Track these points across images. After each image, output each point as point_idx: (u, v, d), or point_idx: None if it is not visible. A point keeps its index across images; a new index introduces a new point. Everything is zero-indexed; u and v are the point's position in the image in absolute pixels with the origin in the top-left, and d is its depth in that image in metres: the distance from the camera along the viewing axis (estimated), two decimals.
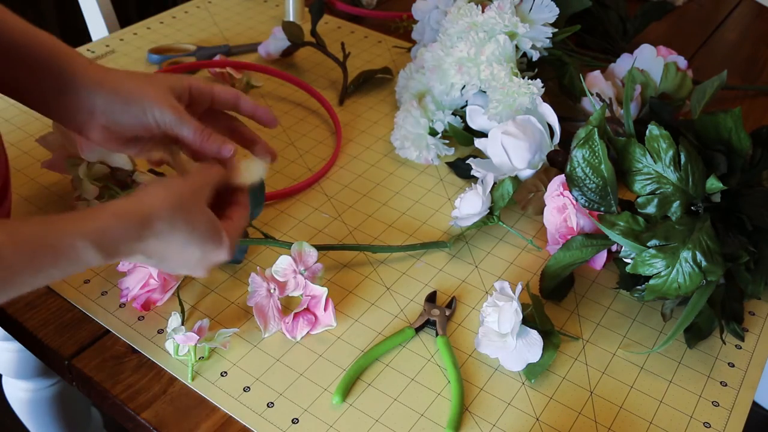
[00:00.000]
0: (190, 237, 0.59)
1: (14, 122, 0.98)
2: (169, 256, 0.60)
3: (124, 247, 0.56)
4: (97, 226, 0.54)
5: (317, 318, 0.71)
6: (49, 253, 0.52)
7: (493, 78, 0.88)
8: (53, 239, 0.52)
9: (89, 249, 0.53)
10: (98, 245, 0.54)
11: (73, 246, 0.53)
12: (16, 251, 0.50)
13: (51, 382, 1.13)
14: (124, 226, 0.55)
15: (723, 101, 1.12)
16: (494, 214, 0.82)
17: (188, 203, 0.59)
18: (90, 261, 0.54)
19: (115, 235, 0.55)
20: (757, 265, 0.73)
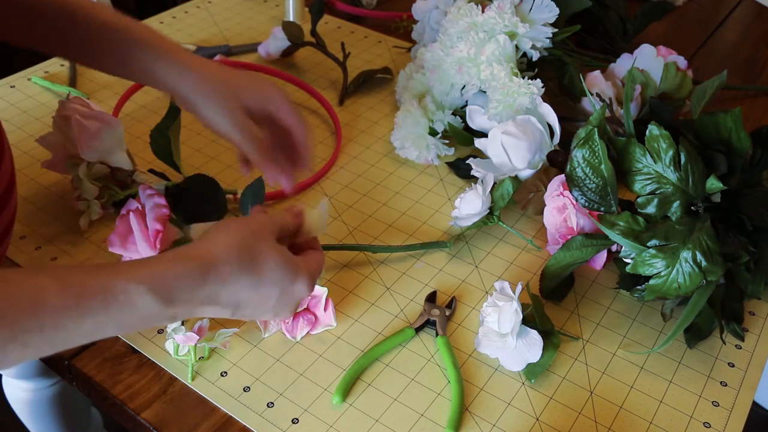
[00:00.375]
0: (261, 277, 0.55)
1: (14, 122, 0.98)
2: (243, 301, 0.56)
3: (186, 294, 0.52)
4: (152, 271, 0.51)
5: (317, 318, 0.72)
6: (98, 297, 0.48)
7: (493, 78, 0.88)
8: (102, 282, 0.49)
9: (144, 294, 0.50)
10: (154, 289, 0.50)
11: (125, 290, 0.49)
12: (62, 294, 0.47)
13: (51, 382, 1.13)
14: (183, 270, 0.52)
15: (723, 101, 1.12)
16: (494, 214, 0.82)
17: (252, 242, 0.56)
18: (147, 308, 0.50)
19: (173, 280, 0.51)
20: (757, 265, 0.73)
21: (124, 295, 0.49)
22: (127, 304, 0.49)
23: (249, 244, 0.56)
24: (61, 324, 0.47)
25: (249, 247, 0.55)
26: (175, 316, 0.53)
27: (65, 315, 0.47)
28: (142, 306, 0.50)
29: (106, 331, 0.49)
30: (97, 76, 1.08)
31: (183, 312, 0.53)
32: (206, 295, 0.53)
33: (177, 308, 0.52)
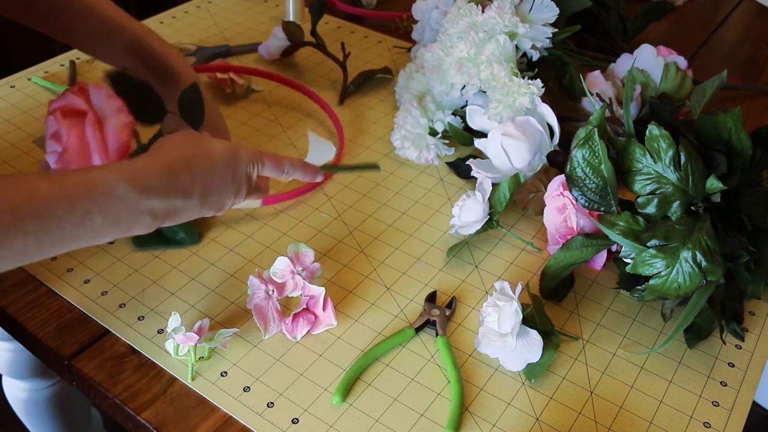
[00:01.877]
0: (213, 160, 0.65)
1: (14, 122, 0.98)
2: (206, 187, 0.64)
3: (156, 183, 0.60)
4: (124, 164, 0.60)
5: (317, 318, 0.72)
6: (81, 186, 0.56)
7: (493, 78, 0.88)
8: (83, 176, 0.57)
9: (119, 182, 0.57)
10: (128, 179, 0.58)
11: (103, 179, 0.57)
12: (50, 185, 0.54)
13: (51, 382, 1.13)
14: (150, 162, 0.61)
15: (723, 101, 1.11)
16: (493, 219, 0.82)
17: (199, 139, 0.66)
18: (126, 196, 0.58)
19: (142, 170, 0.60)
20: (757, 265, 0.73)
21: (102, 185, 0.57)
22: (107, 192, 0.57)
23: (194, 138, 0.66)
24: (54, 211, 0.54)
25: (195, 139, 0.66)
26: (153, 210, 0.60)
27: (55, 202, 0.54)
28: (120, 193, 0.58)
29: (95, 222, 0.57)
30: (96, 76, 1.08)
31: (159, 206, 0.61)
32: (176, 182, 0.62)
33: (152, 198, 0.60)
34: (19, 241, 0.52)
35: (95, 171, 0.58)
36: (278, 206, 0.87)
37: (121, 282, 0.76)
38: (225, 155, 0.66)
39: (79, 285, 0.76)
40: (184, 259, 0.79)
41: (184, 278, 0.77)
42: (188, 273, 0.78)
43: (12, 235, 0.52)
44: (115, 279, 0.77)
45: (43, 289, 0.76)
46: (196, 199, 0.64)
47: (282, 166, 0.71)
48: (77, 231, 0.56)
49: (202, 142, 0.66)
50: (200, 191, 0.64)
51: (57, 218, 0.54)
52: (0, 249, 0.52)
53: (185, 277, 0.77)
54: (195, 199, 0.64)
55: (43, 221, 0.53)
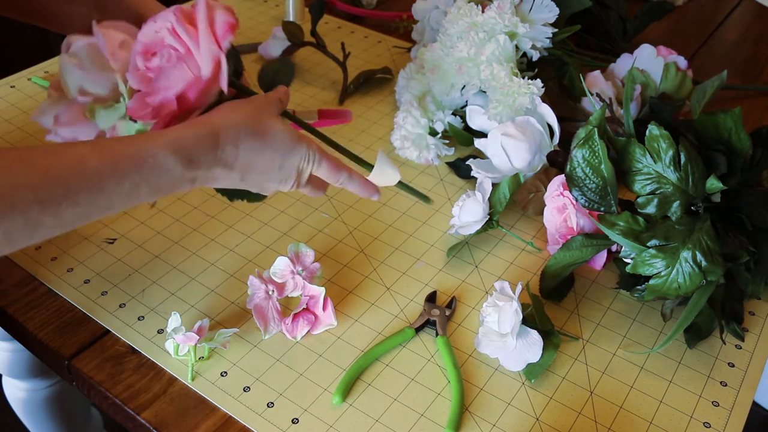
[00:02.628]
0: (265, 141, 0.63)
1: (14, 122, 0.98)
2: (251, 164, 0.63)
3: (203, 155, 0.59)
4: (173, 135, 0.59)
5: (317, 317, 0.72)
6: (132, 161, 0.56)
7: (493, 78, 0.88)
8: (134, 148, 0.57)
9: (168, 156, 0.57)
10: (176, 152, 0.58)
11: (154, 154, 0.57)
12: (101, 159, 0.55)
13: (51, 382, 1.13)
14: (199, 133, 0.60)
15: (723, 101, 1.11)
16: (493, 219, 0.82)
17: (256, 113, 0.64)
18: (173, 169, 0.58)
19: (192, 142, 0.59)
20: (757, 265, 0.73)
21: (153, 159, 0.57)
22: (155, 166, 0.57)
23: (253, 115, 0.63)
24: (104, 185, 0.55)
25: (254, 116, 0.63)
26: (195, 178, 0.60)
27: (106, 177, 0.55)
28: (168, 167, 0.58)
29: (140, 192, 0.57)
30: None
31: (202, 175, 0.61)
32: (220, 156, 0.61)
33: (196, 170, 0.60)
34: (69, 212, 0.53)
35: (146, 142, 0.58)
36: (278, 206, 0.87)
37: (121, 282, 0.76)
38: (281, 141, 0.64)
39: (79, 285, 0.76)
40: (184, 259, 0.79)
41: (184, 278, 0.77)
42: (188, 273, 0.78)
43: (63, 207, 0.53)
44: (115, 279, 0.77)
45: (43, 289, 0.76)
46: (237, 172, 0.63)
47: (339, 175, 0.69)
48: (122, 199, 0.57)
49: (264, 120, 0.64)
50: (242, 167, 0.63)
51: (106, 191, 0.55)
52: (53, 218, 0.53)
53: (185, 277, 0.77)
54: (236, 173, 0.63)
55: (93, 194, 0.54)
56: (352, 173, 0.70)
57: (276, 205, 0.87)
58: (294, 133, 0.65)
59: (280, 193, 0.88)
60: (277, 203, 0.87)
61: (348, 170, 0.70)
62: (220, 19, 0.63)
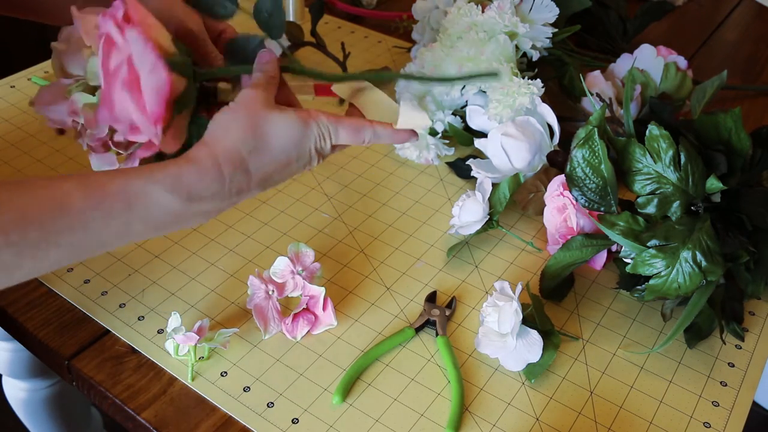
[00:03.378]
0: (272, 148, 0.58)
1: (14, 122, 0.98)
2: (266, 176, 0.59)
3: (205, 192, 0.55)
4: (168, 171, 0.54)
5: (317, 317, 0.72)
6: (119, 198, 0.52)
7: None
8: (122, 185, 0.52)
9: (163, 193, 0.53)
10: (172, 189, 0.53)
11: (144, 191, 0.52)
12: (85, 197, 0.50)
13: (51, 382, 1.13)
14: (196, 169, 0.55)
15: (723, 101, 1.11)
16: (494, 219, 0.82)
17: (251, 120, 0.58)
18: (170, 206, 0.53)
19: (188, 178, 0.54)
20: (757, 265, 0.73)
21: (144, 197, 0.52)
22: (149, 205, 0.53)
23: (250, 124, 0.58)
24: (89, 225, 0.50)
25: (251, 126, 0.58)
26: (208, 211, 0.56)
27: (91, 216, 0.50)
28: (164, 204, 0.53)
29: (136, 229, 0.53)
30: None
31: (214, 207, 0.56)
32: (228, 187, 0.56)
33: (204, 204, 0.55)
34: (51, 254, 0.50)
35: (135, 179, 0.53)
36: (278, 206, 0.87)
37: (121, 282, 0.76)
38: (287, 135, 0.58)
39: (79, 285, 0.76)
40: (184, 259, 0.79)
41: (184, 278, 0.77)
42: (188, 273, 0.78)
43: (43, 248, 0.49)
44: (115, 279, 0.77)
45: (43, 289, 0.76)
46: (255, 190, 0.59)
47: (362, 135, 0.63)
48: (117, 238, 0.53)
49: (261, 124, 0.58)
50: (259, 182, 0.58)
51: (93, 231, 0.51)
52: (31, 261, 0.49)
53: (185, 277, 0.77)
54: (254, 191, 0.59)
55: (77, 234, 0.50)
56: (376, 127, 0.64)
57: (276, 205, 0.87)
58: (298, 118, 0.59)
59: (280, 193, 0.88)
60: (277, 203, 0.87)
61: (370, 126, 0.64)
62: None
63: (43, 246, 0.49)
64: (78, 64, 0.67)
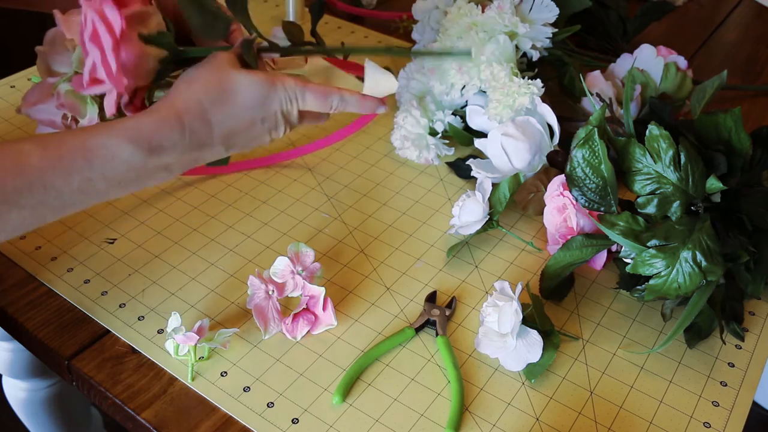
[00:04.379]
0: (235, 100, 0.58)
1: (14, 122, 0.98)
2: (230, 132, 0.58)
3: (166, 140, 0.55)
4: (127, 124, 0.54)
5: (317, 317, 0.72)
6: (79, 155, 0.51)
7: (493, 78, 0.88)
8: (81, 141, 0.52)
9: (122, 145, 0.52)
10: (132, 140, 0.53)
11: (104, 144, 0.52)
12: (43, 155, 0.50)
13: (51, 382, 1.13)
14: (156, 118, 0.54)
15: (723, 101, 1.11)
16: (494, 219, 0.82)
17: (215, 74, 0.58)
18: (131, 158, 0.53)
19: (149, 128, 0.54)
20: (757, 265, 0.73)
21: (103, 150, 0.52)
22: (108, 158, 0.52)
23: (213, 80, 0.58)
24: (49, 182, 0.49)
25: (214, 81, 0.58)
26: (169, 166, 0.55)
27: (50, 174, 0.49)
28: (125, 157, 0.52)
29: (99, 187, 0.52)
30: None
31: (175, 160, 0.55)
32: (189, 137, 0.55)
33: (165, 156, 0.54)
34: (13, 216, 0.49)
35: (94, 134, 0.52)
36: (278, 206, 0.87)
37: (121, 282, 0.76)
38: (252, 95, 0.58)
39: (79, 285, 0.76)
40: (184, 259, 0.79)
41: (184, 278, 0.77)
42: (188, 273, 0.78)
43: (4, 211, 0.49)
44: (115, 279, 0.77)
45: (43, 289, 0.76)
46: (218, 146, 0.58)
47: (329, 99, 0.63)
48: (79, 196, 0.52)
49: (225, 80, 0.58)
50: (222, 138, 0.58)
51: (53, 189, 0.50)
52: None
53: (185, 277, 0.77)
54: (217, 146, 0.58)
55: (37, 194, 0.50)
56: (343, 93, 0.64)
57: (276, 205, 0.87)
58: (263, 79, 0.60)
59: (280, 193, 0.88)
60: (277, 203, 0.87)
61: (338, 92, 0.64)
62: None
63: (5, 209, 0.49)
64: (63, 61, 0.68)
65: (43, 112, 0.69)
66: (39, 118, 0.70)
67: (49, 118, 0.69)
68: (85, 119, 0.64)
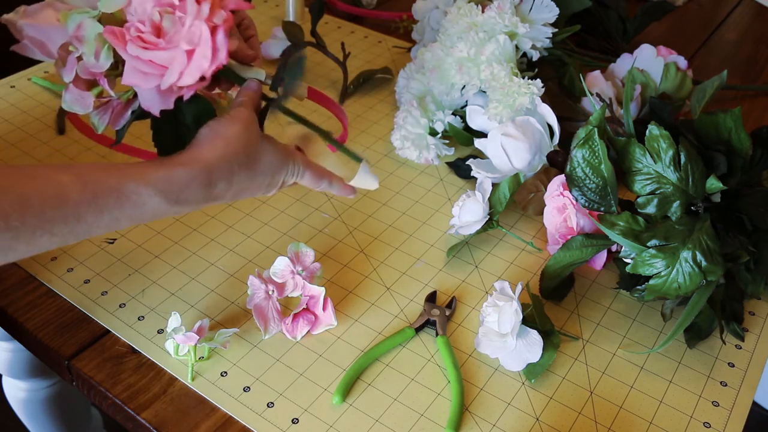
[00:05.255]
0: (257, 169, 0.62)
1: (14, 122, 0.98)
2: (241, 191, 0.62)
3: (192, 195, 0.58)
4: (161, 175, 0.57)
5: (317, 317, 0.72)
6: (113, 196, 0.54)
7: (493, 78, 0.88)
8: (116, 183, 0.55)
9: (153, 195, 0.56)
10: (163, 192, 0.56)
11: (137, 191, 0.55)
12: (81, 191, 0.53)
13: (51, 382, 1.13)
14: (189, 174, 0.58)
15: (723, 101, 1.12)
16: (494, 219, 0.82)
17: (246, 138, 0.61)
18: (156, 207, 0.57)
19: (180, 183, 0.57)
20: (757, 265, 0.73)
21: (136, 196, 0.56)
22: (139, 204, 0.56)
23: (246, 144, 0.61)
24: (82, 217, 0.53)
25: (246, 146, 0.61)
26: (180, 211, 0.59)
27: (85, 209, 0.53)
28: (152, 205, 0.57)
29: (121, 224, 0.56)
30: None
31: (189, 209, 0.60)
32: (211, 192, 0.60)
33: (183, 206, 0.58)
34: (44, 240, 0.53)
35: (129, 178, 0.56)
36: (278, 206, 0.87)
37: (121, 282, 0.76)
38: (271, 165, 0.64)
39: (79, 285, 0.76)
40: (184, 259, 0.79)
41: (184, 278, 0.77)
42: (188, 273, 0.78)
43: (38, 235, 0.52)
44: (115, 279, 0.77)
45: (43, 289, 0.76)
46: (227, 199, 0.63)
47: (321, 182, 0.69)
48: (100, 230, 0.56)
49: (253, 146, 0.62)
50: (234, 195, 0.62)
51: (85, 223, 0.54)
52: (25, 245, 0.52)
53: (185, 277, 0.77)
54: (226, 200, 0.63)
55: (69, 225, 0.53)
56: (333, 179, 0.70)
57: (276, 205, 0.87)
58: (282, 152, 0.65)
59: (280, 193, 0.88)
60: (277, 203, 0.87)
61: (329, 177, 0.70)
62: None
63: (39, 233, 0.52)
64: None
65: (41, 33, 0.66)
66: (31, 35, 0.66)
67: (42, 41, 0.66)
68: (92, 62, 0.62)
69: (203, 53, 0.58)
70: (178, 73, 0.59)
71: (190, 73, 0.59)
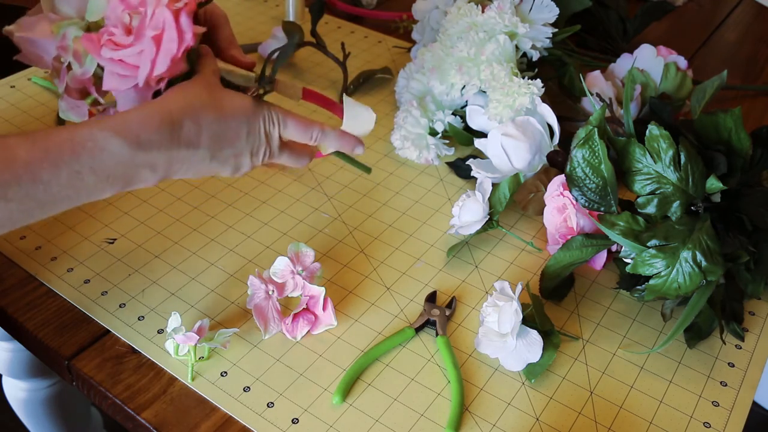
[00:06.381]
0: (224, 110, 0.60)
1: (14, 122, 0.98)
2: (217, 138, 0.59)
3: (155, 136, 0.55)
4: (117, 118, 0.54)
5: (317, 317, 0.72)
6: (66, 146, 0.51)
7: (493, 78, 0.88)
8: (68, 134, 0.52)
9: (110, 137, 0.53)
10: (119, 132, 0.53)
11: (91, 136, 0.52)
12: (31, 148, 0.50)
13: (51, 382, 1.13)
14: (145, 112, 0.55)
15: (723, 101, 1.12)
16: (493, 219, 0.82)
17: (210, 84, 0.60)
18: (118, 152, 0.53)
19: (138, 122, 0.54)
20: (757, 265, 0.73)
21: (91, 142, 0.52)
22: (96, 150, 0.52)
23: (207, 88, 0.59)
24: (37, 176, 0.50)
25: (207, 90, 0.59)
26: (154, 164, 0.55)
27: (38, 166, 0.50)
28: (113, 150, 0.53)
29: (85, 179, 0.52)
30: None
31: (161, 158, 0.56)
32: (179, 133, 0.56)
33: (150, 152, 0.54)
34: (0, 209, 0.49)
35: (82, 127, 0.53)
36: (278, 206, 0.87)
37: (121, 282, 0.76)
38: (241, 106, 0.61)
39: (79, 285, 0.76)
40: (184, 259, 0.79)
41: (184, 278, 0.77)
42: (188, 273, 0.78)
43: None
44: (115, 279, 0.77)
45: (43, 289, 0.76)
46: (204, 150, 0.59)
47: (310, 131, 0.65)
48: (68, 191, 0.52)
49: (217, 91, 0.60)
50: (209, 142, 0.59)
51: (41, 182, 0.50)
52: None
53: (185, 277, 0.77)
54: (203, 150, 0.59)
55: (25, 187, 0.50)
56: (324, 127, 0.66)
57: (276, 205, 0.87)
58: (251, 99, 0.62)
59: (280, 193, 0.88)
60: (277, 203, 0.87)
61: (319, 125, 0.66)
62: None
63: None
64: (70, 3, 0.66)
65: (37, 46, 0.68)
66: (30, 50, 0.68)
67: (39, 54, 0.68)
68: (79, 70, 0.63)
69: (170, 37, 0.58)
70: (150, 63, 0.58)
71: (162, 60, 0.58)
